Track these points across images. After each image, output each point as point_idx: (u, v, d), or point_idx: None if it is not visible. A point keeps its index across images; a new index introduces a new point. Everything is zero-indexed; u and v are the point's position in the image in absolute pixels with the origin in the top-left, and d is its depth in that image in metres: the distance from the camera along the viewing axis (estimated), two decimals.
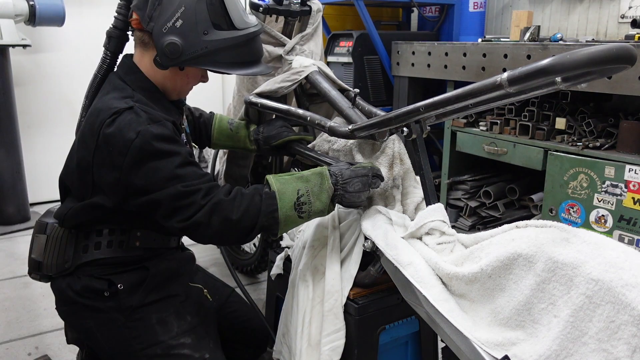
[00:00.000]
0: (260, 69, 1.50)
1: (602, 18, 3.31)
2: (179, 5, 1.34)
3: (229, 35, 1.39)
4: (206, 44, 1.37)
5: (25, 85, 3.85)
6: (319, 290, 1.52)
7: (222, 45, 1.39)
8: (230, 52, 1.41)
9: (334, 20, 4.26)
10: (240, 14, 1.42)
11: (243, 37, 1.42)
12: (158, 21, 1.35)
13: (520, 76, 0.98)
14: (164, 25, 1.34)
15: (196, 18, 1.35)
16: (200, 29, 1.36)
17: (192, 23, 1.35)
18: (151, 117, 1.33)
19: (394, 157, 1.55)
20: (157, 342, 1.44)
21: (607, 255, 0.99)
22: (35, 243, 1.50)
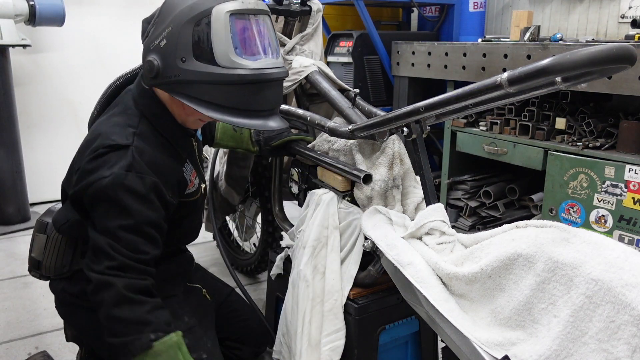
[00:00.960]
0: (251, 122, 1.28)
1: (602, 18, 3.31)
2: (167, 24, 1.25)
3: (205, 69, 1.23)
4: (180, 71, 1.24)
5: (25, 85, 3.85)
6: (319, 290, 1.52)
7: (195, 79, 1.24)
8: (210, 91, 1.24)
9: (334, 20, 4.26)
10: (226, 49, 1.22)
11: (224, 77, 1.23)
12: (150, 37, 1.29)
13: (520, 76, 0.98)
14: (152, 42, 1.28)
15: (178, 41, 1.23)
16: (179, 54, 1.23)
17: (173, 45, 1.24)
18: (135, 166, 1.25)
19: (394, 157, 1.55)
20: None
21: (607, 255, 0.99)
22: (35, 242, 1.50)
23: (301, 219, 1.66)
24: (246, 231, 2.79)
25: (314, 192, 1.65)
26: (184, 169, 1.42)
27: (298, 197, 1.92)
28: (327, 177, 1.66)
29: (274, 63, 1.30)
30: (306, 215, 1.64)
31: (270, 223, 2.43)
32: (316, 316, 1.50)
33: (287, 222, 2.06)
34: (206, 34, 1.23)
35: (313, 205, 1.62)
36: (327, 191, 1.62)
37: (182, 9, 1.24)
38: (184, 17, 1.23)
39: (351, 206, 1.57)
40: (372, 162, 1.57)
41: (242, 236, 2.83)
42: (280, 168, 2.11)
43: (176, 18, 1.24)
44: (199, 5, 1.23)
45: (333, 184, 1.62)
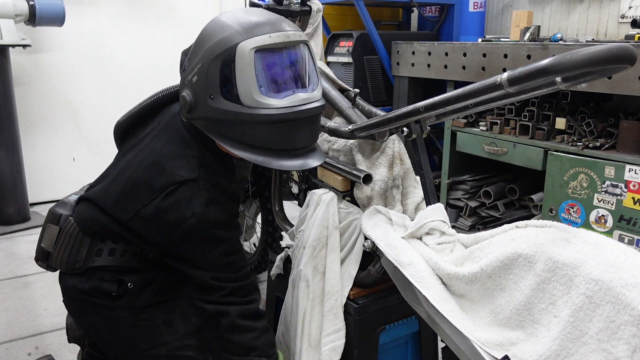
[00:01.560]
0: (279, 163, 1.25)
1: (602, 18, 3.31)
2: (199, 60, 1.22)
3: (231, 108, 1.19)
4: (209, 109, 1.21)
5: (25, 85, 3.85)
6: (319, 290, 1.52)
7: (223, 117, 1.21)
8: (239, 130, 1.21)
9: (334, 20, 4.26)
10: (249, 88, 1.17)
11: (249, 117, 1.19)
12: (186, 71, 1.28)
13: (520, 76, 0.98)
14: (187, 77, 1.26)
15: (207, 78, 1.21)
16: (208, 92, 1.21)
17: (202, 82, 1.22)
18: (211, 197, 1.27)
19: (394, 157, 1.55)
20: (162, 342, 1.44)
21: (607, 255, 0.99)
22: (46, 232, 1.47)
23: (301, 219, 1.66)
24: (246, 231, 2.79)
25: (314, 192, 1.65)
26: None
27: (298, 197, 1.92)
28: (327, 177, 1.66)
29: (307, 98, 1.24)
30: (306, 215, 1.64)
31: (270, 223, 2.43)
32: (316, 316, 1.50)
33: (287, 222, 2.06)
34: (231, 72, 1.19)
35: (313, 205, 1.62)
36: (327, 191, 1.62)
37: (211, 44, 1.21)
38: (212, 53, 1.20)
39: (351, 206, 1.57)
40: (372, 162, 1.57)
41: (242, 236, 2.83)
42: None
43: (206, 54, 1.22)
44: (226, 41, 1.19)
45: (333, 184, 1.62)
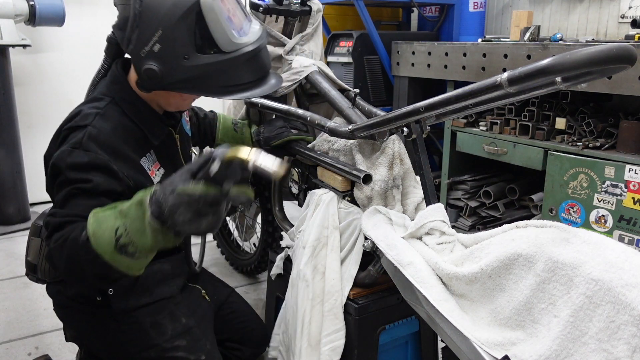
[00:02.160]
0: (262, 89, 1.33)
1: (602, 18, 3.31)
2: (156, 27, 1.21)
3: (213, 59, 1.23)
4: (187, 70, 1.23)
5: (25, 85, 3.85)
6: (319, 290, 1.52)
7: (206, 71, 1.24)
8: (220, 77, 1.26)
9: (334, 20, 4.26)
10: (227, 35, 1.23)
11: (232, 61, 1.25)
12: (137, 45, 1.24)
13: (520, 76, 0.98)
14: (142, 49, 1.23)
15: (175, 42, 1.21)
16: (180, 54, 1.22)
17: (170, 47, 1.21)
18: (83, 143, 1.23)
19: (394, 157, 1.55)
20: (151, 345, 1.44)
21: (607, 255, 0.99)
22: (30, 246, 1.49)
23: (301, 219, 1.66)
24: (246, 231, 2.79)
25: (314, 192, 1.65)
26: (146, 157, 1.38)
27: (298, 197, 1.92)
28: (327, 177, 1.66)
29: (259, 28, 1.34)
30: (306, 215, 1.64)
31: (270, 223, 2.43)
32: (316, 316, 1.50)
33: (287, 222, 2.06)
34: (202, 26, 1.22)
35: (313, 205, 1.62)
36: (327, 191, 1.62)
37: (166, 9, 1.21)
38: (173, 16, 1.21)
39: (351, 206, 1.57)
40: (372, 162, 1.57)
41: (242, 236, 2.83)
42: None
43: (164, 19, 1.21)
44: (183, 1, 1.21)
45: (333, 184, 1.62)
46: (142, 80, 1.28)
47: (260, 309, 2.50)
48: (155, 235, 1.06)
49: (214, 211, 1.03)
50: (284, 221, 2.07)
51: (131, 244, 1.07)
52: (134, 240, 1.06)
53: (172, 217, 1.02)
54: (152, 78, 1.25)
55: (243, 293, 2.70)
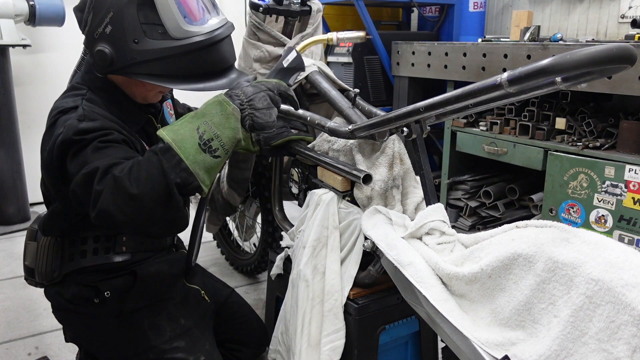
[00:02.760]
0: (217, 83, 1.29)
1: (602, 18, 3.31)
2: (107, 9, 1.21)
3: (161, 45, 1.22)
4: (136, 53, 1.22)
5: (25, 85, 3.85)
6: (319, 290, 1.52)
7: (154, 57, 1.22)
8: (170, 65, 1.24)
9: (334, 20, 4.26)
10: (176, 21, 1.22)
11: (181, 48, 1.23)
12: (91, 26, 1.25)
13: (520, 76, 0.98)
14: (95, 30, 1.24)
15: (125, 25, 1.21)
16: (130, 37, 1.21)
17: (120, 30, 1.22)
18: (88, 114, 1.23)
19: (394, 157, 1.55)
20: (150, 347, 1.43)
21: (607, 255, 0.99)
22: (27, 250, 1.48)
23: (301, 219, 1.66)
24: (246, 231, 2.79)
25: (314, 192, 1.65)
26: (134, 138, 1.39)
27: (298, 197, 1.92)
28: (327, 177, 1.66)
29: (220, 22, 1.31)
30: (306, 215, 1.64)
31: (270, 223, 2.43)
32: (316, 316, 1.50)
33: (287, 222, 2.06)
34: (152, 10, 1.21)
35: (313, 205, 1.62)
36: (327, 191, 1.62)
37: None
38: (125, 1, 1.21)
39: (351, 206, 1.57)
40: (372, 162, 1.57)
41: (242, 236, 2.83)
42: (280, 168, 2.11)
43: (115, 1, 1.21)
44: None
45: (333, 184, 1.62)
46: (95, 63, 1.28)
47: (260, 309, 2.50)
48: (237, 126, 1.16)
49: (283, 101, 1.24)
50: (284, 221, 2.07)
51: (215, 138, 1.13)
52: (217, 134, 1.14)
53: (253, 103, 1.17)
54: (103, 60, 1.24)
55: (243, 293, 2.70)
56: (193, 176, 1.11)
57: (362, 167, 1.56)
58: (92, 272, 1.42)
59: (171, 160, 1.10)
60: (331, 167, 1.62)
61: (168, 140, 1.11)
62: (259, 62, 2.10)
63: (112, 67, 1.26)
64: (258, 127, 1.22)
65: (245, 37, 2.12)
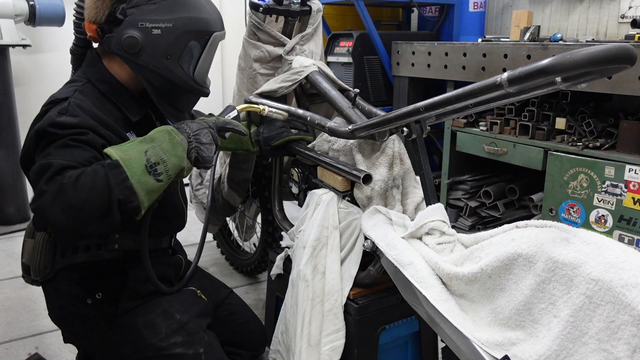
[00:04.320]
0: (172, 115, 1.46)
1: (602, 18, 3.31)
2: (169, 19, 1.32)
3: (181, 75, 1.38)
4: (160, 65, 1.34)
5: (25, 85, 3.85)
6: (319, 290, 1.52)
7: (167, 76, 1.37)
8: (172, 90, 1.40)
9: (334, 20, 4.26)
10: (204, 73, 1.44)
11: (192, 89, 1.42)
12: (142, 12, 1.31)
13: (520, 76, 0.98)
14: (143, 20, 1.31)
15: (172, 41, 1.34)
16: (168, 52, 1.34)
17: (166, 42, 1.33)
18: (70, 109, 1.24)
19: (394, 157, 1.55)
20: (146, 345, 1.43)
21: (607, 255, 0.99)
22: (25, 247, 1.48)
23: (301, 219, 1.66)
24: (246, 231, 2.79)
25: (314, 192, 1.65)
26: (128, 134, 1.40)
27: (298, 197, 1.92)
28: (327, 177, 1.66)
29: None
30: (306, 215, 1.64)
31: (270, 223, 2.43)
32: (316, 316, 1.50)
33: (287, 222, 2.06)
34: (199, 51, 1.40)
35: (313, 205, 1.62)
36: (327, 191, 1.62)
37: (190, 15, 1.35)
38: (188, 25, 1.35)
39: (351, 206, 1.57)
40: (372, 162, 1.57)
41: (242, 236, 2.83)
42: (280, 168, 2.11)
43: (181, 20, 1.33)
44: (204, 23, 1.38)
45: (333, 184, 1.62)
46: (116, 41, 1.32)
47: (260, 309, 2.50)
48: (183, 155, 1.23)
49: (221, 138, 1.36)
50: (284, 221, 2.07)
51: (161, 162, 1.19)
52: (164, 159, 1.19)
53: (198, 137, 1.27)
54: (129, 46, 1.31)
55: (243, 293, 2.70)
56: (135, 195, 1.14)
57: (362, 167, 1.56)
58: (82, 269, 1.41)
59: (118, 176, 1.12)
60: (331, 167, 1.62)
61: (116, 157, 1.14)
62: (259, 62, 2.10)
63: (125, 54, 1.33)
64: (202, 161, 1.29)
65: (245, 37, 2.12)
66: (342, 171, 1.57)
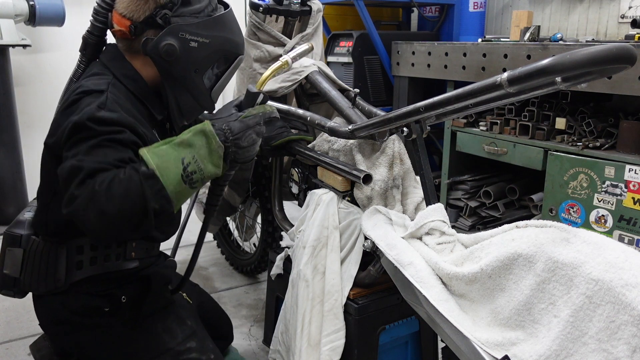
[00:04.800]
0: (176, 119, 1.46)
1: (602, 18, 3.31)
2: (207, 35, 1.34)
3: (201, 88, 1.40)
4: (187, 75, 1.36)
5: (25, 85, 3.85)
6: (319, 290, 1.52)
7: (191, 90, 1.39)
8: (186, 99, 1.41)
9: (334, 20, 4.26)
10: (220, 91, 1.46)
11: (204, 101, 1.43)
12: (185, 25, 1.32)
13: (520, 76, 0.98)
14: (184, 30, 1.32)
15: (205, 56, 1.36)
16: (197, 66, 1.36)
17: (198, 55, 1.35)
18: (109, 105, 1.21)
19: (394, 157, 1.55)
20: (166, 350, 1.41)
21: (607, 255, 0.99)
22: (7, 257, 1.38)
23: (301, 219, 1.66)
24: (246, 231, 2.79)
25: (314, 192, 1.65)
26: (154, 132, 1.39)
27: (298, 197, 1.92)
28: (327, 177, 1.66)
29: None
30: (306, 215, 1.64)
31: (270, 223, 2.43)
32: (316, 316, 1.50)
33: (287, 222, 2.06)
34: (222, 70, 1.43)
35: (313, 205, 1.62)
36: (327, 191, 1.62)
37: (225, 35, 1.38)
38: (223, 44, 1.38)
39: (351, 206, 1.57)
40: (372, 162, 1.57)
41: (242, 236, 2.83)
42: (280, 168, 2.11)
43: (217, 39, 1.36)
44: (236, 46, 1.42)
45: (333, 184, 1.62)
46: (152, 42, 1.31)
47: (260, 309, 2.50)
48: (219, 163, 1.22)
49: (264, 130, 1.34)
50: (284, 221, 2.07)
51: (198, 171, 1.18)
52: (201, 167, 1.18)
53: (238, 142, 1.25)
54: (167, 53, 1.32)
55: (243, 293, 2.71)
56: (171, 203, 1.14)
57: (362, 167, 1.56)
58: (103, 280, 1.37)
59: (153, 186, 1.10)
60: (331, 167, 1.62)
61: (152, 165, 1.12)
62: (259, 62, 2.11)
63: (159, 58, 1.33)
64: (239, 162, 1.30)
65: (245, 37, 2.12)
66: (342, 171, 1.57)
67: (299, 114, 1.76)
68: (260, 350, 2.22)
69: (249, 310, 2.54)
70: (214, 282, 2.83)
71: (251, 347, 2.24)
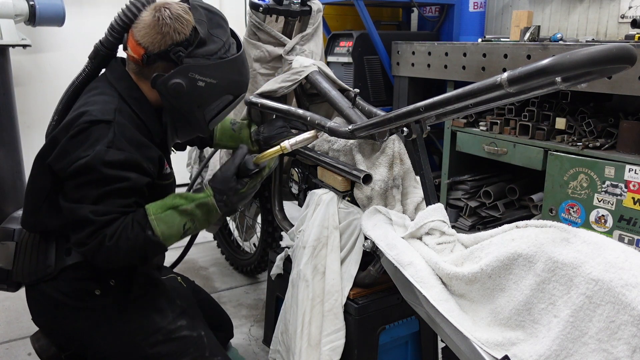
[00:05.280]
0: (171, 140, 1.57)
1: (602, 18, 3.31)
2: (215, 76, 1.38)
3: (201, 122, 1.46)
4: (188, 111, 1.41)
5: (25, 85, 3.85)
6: (319, 290, 1.52)
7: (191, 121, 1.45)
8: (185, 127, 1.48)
9: (334, 20, 4.26)
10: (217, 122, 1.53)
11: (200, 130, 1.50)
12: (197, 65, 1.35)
13: (520, 76, 0.98)
14: (194, 71, 1.35)
15: (209, 95, 1.40)
16: (201, 102, 1.41)
17: (204, 93, 1.39)
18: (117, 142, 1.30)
19: (394, 157, 1.55)
20: (158, 329, 1.47)
21: (607, 255, 0.99)
22: (0, 251, 1.46)
23: (301, 219, 1.66)
24: (246, 231, 2.79)
25: (314, 192, 1.65)
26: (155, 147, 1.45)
27: (298, 197, 1.92)
28: (327, 177, 1.66)
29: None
30: (306, 215, 1.64)
31: (270, 223, 2.43)
32: (316, 316, 1.50)
33: (287, 222, 2.06)
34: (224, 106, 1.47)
35: (313, 205, 1.62)
36: (327, 191, 1.62)
37: (233, 77, 1.43)
38: (230, 85, 1.44)
39: (351, 206, 1.57)
40: (372, 162, 1.57)
41: (242, 236, 2.83)
42: (280, 168, 2.11)
43: (224, 80, 1.41)
44: (241, 86, 1.48)
45: (333, 184, 1.62)
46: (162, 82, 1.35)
47: (260, 309, 2.50)
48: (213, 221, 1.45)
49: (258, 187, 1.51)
50: (284, 221, 2.07)
51: (194, 229, 1.42)
52: (197, 226, 1.42)
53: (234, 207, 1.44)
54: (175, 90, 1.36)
55: (243, 293, 2.71)
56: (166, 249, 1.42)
57: (362, 167, 1.56)
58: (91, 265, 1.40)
59: (156, 249, 1.36)
60: (331, 167, 1.62)
61: (158, 233, 1.32)
62: (259, 62, 2.10)
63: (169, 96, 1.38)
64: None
65: (245, 37, 2.12)
66: (342, 171, 1.57)
67: (299, 114, 1.76)
68: (260, 350, 2.22)
69: (249, 310, 2.54)
70: (214, 282, 2.84)
71: (251, 347, 2.24)
